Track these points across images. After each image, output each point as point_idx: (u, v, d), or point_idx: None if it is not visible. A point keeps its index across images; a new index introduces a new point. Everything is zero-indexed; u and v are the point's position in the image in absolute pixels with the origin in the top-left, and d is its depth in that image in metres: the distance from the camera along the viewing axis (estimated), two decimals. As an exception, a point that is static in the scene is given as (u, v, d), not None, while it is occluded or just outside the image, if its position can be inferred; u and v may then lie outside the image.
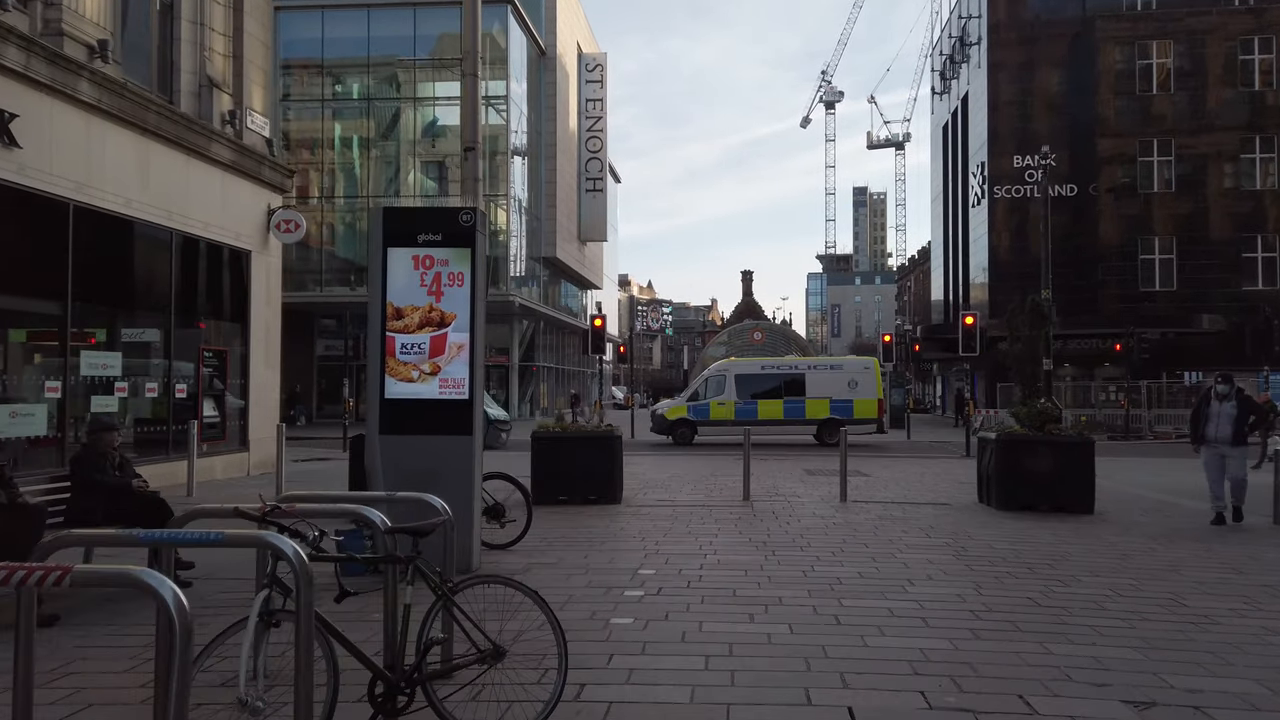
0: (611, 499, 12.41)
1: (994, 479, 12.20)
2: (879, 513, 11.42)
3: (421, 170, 43.82)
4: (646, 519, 10.84)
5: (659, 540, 9.17)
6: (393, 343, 7.49)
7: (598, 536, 9.44)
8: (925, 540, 9.26)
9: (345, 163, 44.02)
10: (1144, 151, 39.97)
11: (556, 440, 12.61)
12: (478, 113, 13.60)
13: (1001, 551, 8.66)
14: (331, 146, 43.68)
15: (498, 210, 42.03)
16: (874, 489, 14.48)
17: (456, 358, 7.47)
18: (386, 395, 7.49)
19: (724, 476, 16.40)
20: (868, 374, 25.62)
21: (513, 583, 4.01)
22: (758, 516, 11.02)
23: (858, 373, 25.76)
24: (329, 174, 43.71)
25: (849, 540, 9.16)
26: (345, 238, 43.06)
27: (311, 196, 42.19)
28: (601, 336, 24.82)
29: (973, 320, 22.35)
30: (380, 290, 7.52)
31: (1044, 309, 15.62)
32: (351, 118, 43.48)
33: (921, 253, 79.36)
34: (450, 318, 7.48)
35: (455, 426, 7.44)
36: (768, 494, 13.62)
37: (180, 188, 14.77)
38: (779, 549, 8.64)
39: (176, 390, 14.93)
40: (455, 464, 7.44)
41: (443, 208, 7.68)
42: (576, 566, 7.73)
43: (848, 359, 29.33)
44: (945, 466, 19.44)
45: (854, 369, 26.00)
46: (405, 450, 7.44)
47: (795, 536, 9.40)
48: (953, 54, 49.71)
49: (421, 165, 43.95)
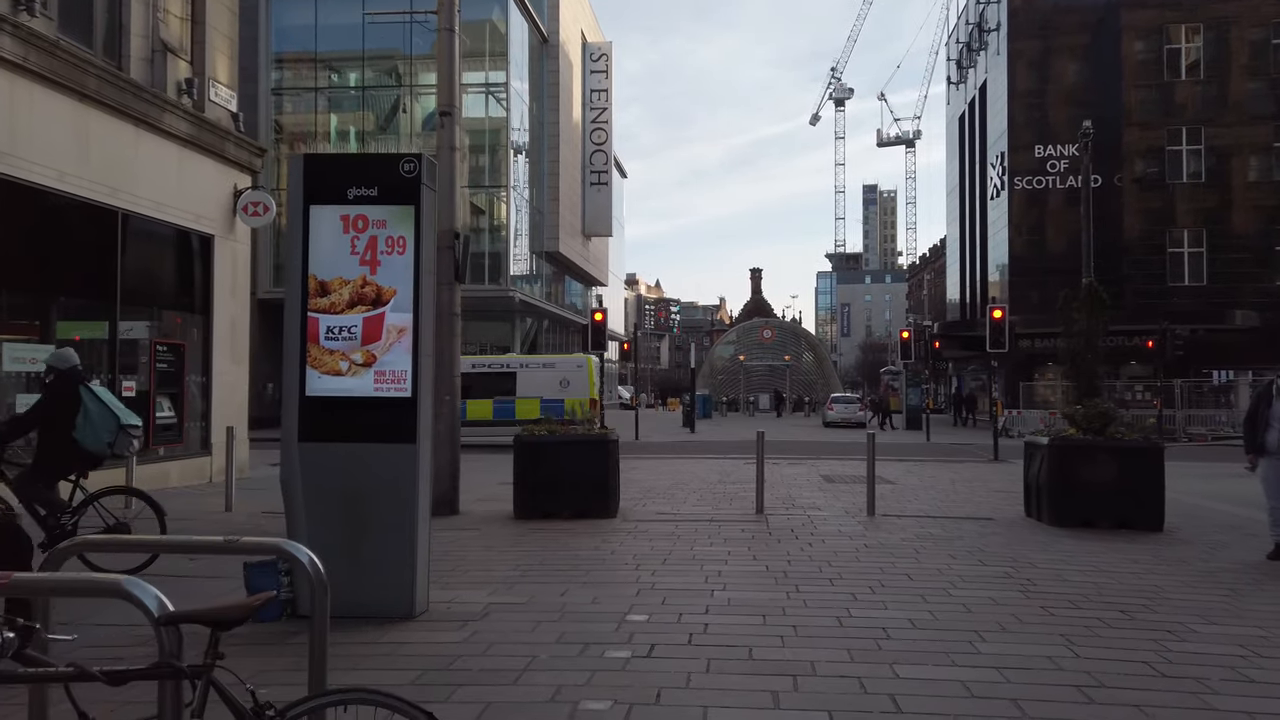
0: (605, 512, 10.82)
1: (1045, 490, 10.57)
2: (915, 530, 9.80)
3: (422, 164, 42.18)
4: (644, 538, 9.25)
5: (656, 568, 7.57)
6: (316, 325, 5.92)
7: (584, 563, 7.84)
8: (980, 569, 7.64)
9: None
10: (1171, 141, 38.19)
11: (542, 445, 11.02)
12: (455, 73, 12.04)
13: (1078, 585, 7.04)
14: (328, 139, 42.17)
15: (498, 203, 40.51)
16: (903, 499, 12.86)
17: (396, 344, 5.89)
18: (308, 392, 5.91)
19: (733, 484, 14.79)
20: (580, 372, 24.53)
21: (391, 702, 2.40)
22: (774, 535, 9.41)
23: (570, 371, 24.71)
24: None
25: (888, 569, 7.55)
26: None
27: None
28: (602, 331, 23.25)
29: (1001, 314, 20.66)
30: (300, 259, 5.94)
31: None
32: (349, 109, 41.96)
33: (933, 250, 77.69)
34: (388, 294, 5.90)
35: (395, 432, 5.86)
36: (783, 505, 12.02)
37: (127, 162, 13.22)
38: (803, 581, 7.03)
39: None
40: (393, 483, 5.85)
41: (380, 155, 6.10)
42: (549, 609, 6.13)
43: (561, 358, 28.30)
44: (975, 472, 17.80)
45: (566, 368, 24.99)
46: (330, 464, 5.86)
47: (821, 563, 7.79)
48: (970, 42, 47.92)
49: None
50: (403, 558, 5.83)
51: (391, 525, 5.83)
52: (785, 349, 62.51)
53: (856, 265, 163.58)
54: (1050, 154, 39.80)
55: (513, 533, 9.67)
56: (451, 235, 11.54)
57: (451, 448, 11.48)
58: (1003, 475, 17.13)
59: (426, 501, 6.03)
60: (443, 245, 11.55)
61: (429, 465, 6.08)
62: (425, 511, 6.00)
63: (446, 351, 11.54)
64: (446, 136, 11.64)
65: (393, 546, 5.83)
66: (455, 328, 11.59)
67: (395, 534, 5.83)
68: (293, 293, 5.93)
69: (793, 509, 11.73)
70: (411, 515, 5.85)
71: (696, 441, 28.57)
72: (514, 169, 40.65)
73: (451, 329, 11.54)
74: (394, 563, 5.84)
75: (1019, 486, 14.93)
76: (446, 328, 11.54)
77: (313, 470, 5.86)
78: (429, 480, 6.08)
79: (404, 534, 5.84)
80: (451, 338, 11.54)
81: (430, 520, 6.22)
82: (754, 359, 62.12)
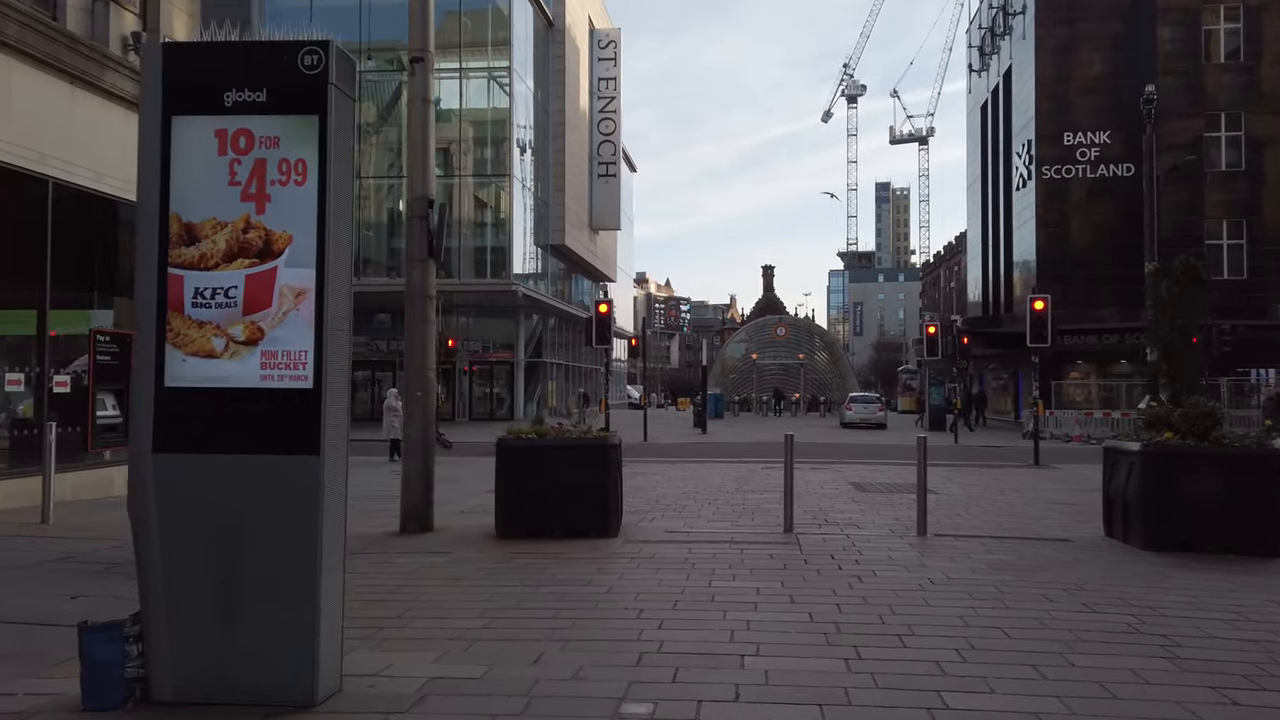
0: (604, 530, 9.04)
1: (1136, 506, 8.74)
2: (982, 557, 7.99)
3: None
4: (649, 567, 7.46)
5: (665, 616, 5.78)
6: (179, 287, 4.15)
7: (571, 606, 6.06)
8: (1090, 618, 5.82)
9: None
10: (1210, 127, 36.12)
11: (531, 451, 9.24)
12: (429, 16, 10.26)
13: (1236, 645, 5.21)
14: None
15: (501, 193, 38.78)
16: (952, 513, 11.05)
17: (293, 313, 4.12)
18: (168, 382, 4.15)
19: (753, 493, 13.00)
20: None
21: None
22: (811, 563, 7.61)
23: None
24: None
25: (970, 618, 5.73)
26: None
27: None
28: (607, 325, 21.46)
29: (1043, 305, 18.79)
30: (156, 193, 4.18)
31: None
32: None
33: (948, 247, 75.70)
34: (282, 241, 4.13)
35: (290, 439, 4.09)
36: (814, 521, 10.23)
37: (60, 124, 11.50)
38: (863, 640, 5.22)
39: (56, 383, 11.68)
40: (287, 512, 4.08)
41: (268, 42, 4.31)
42: (513, 690, 4.34)
43: None
44: (1020, 479, 15.94)
45: None
46: (198, 485, 4.10)
47: (881, 608, 5.98)
48: (993, 27, 45.95)
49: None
50: (300, 619, 4.06)
51: (284, 572, 4.07)
52: (799, 347, 60.54)
53: (869, 264, 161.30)
54: (1080, 141, 37.82)
55: (489, 558, 7.90)
56: (425, 203, 9.78)
57: (424, 453, 9.71)
58: (1052, 483, 15.31)
59: (338, 535, 4.26)
60: (415, 214, 9.81)
61: (343, 485, 4.30)
62: (335, 549, 4.22)
63: (418, 340, 9.79)
64: (419, 86, 9.88)
65: (286, 603, 4.06)
66: (429, 312, 9.82)
67: (289, 585, 4.07)
68: (145, 241, 4.17)
69: (826, 525, 9.93)
70: (311, 557, 4.07)
71: (709, 443, 26.76)
72: (517, 158, 38.88)
73: (424, 313, 9.78)
74: (287, 627, 4.07)
75: (1079, 497, 13.22)
76: (419, 312, 9.79)
77: (172, 495, 4.09)
78: (342, 505, 4.30)
79: (302, 585, 4.06)
80: (424, 324, 9.78)
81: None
82: (766, 357, 60.17)
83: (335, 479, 4.20)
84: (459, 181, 39.17)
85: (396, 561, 7.79)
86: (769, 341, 60.96)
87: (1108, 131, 37.59)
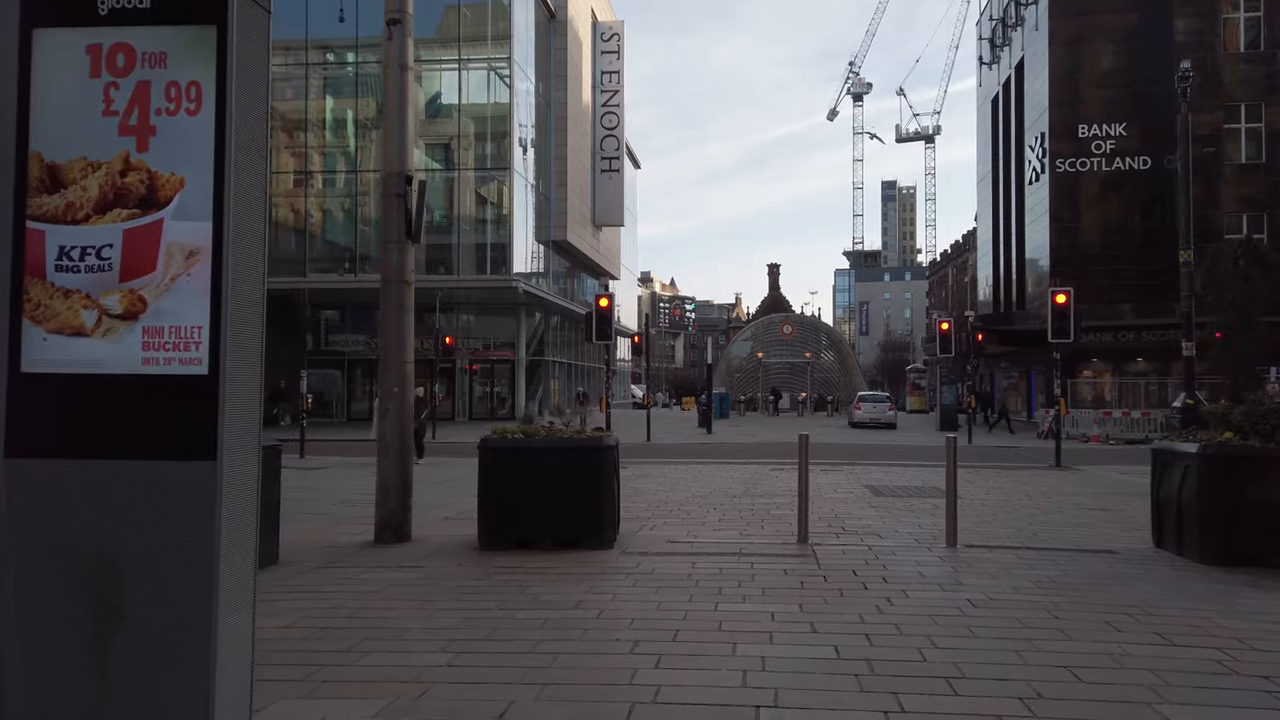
0: (599, 541, 8.14)
1: (1192, 514, 7.81)
2: (1023, 572, 7.06)
3: (426, 151, 39.62)
4: (648, 585, 6.55)
5: (664, 651, 4.87)
6: (39, 245, 3.25)
7: (553, 637, 5.15)
8: (1170, 652, 4.90)
9: (339, 143, 39.94)
10: (1229, 119, 35.08)
11: (518, 452, 8.33)
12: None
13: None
14: (322, 126, 39.63)
15: (502, 188, 37.89)
16: (980, 520, 10.13)
17: (184, 279, 3.21)
18: (24, 367, 3.25)
19: (761, 497, 12.09)
20: None
21: None
22: (831, 580, 6.70)
23: None
24: (323, 155, 39.63)
25: (1027, 653, 4.81)
26: (344, 222, 39.01)
27: (292, 173, 38.29)
28: (607, 320, 20.50)
29: (1066, 298, 17.83)
30: (12, 124, 3.28)
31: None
32: (346, 96, 39.43)
33: (955, 246, 74.63)
34: (170, 187, 3.23)
35: (179, 440, 3.19)
36: (830, 528, 9.32)
37: None
38: (903, 684, 4.30)
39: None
40: (174, 534, 3.18)
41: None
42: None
43: None
44: (1043, 481, 15.00)
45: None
46: (62, 498, 3.20)
47: (919, 639, 5.06)
48: (1005, 18, 44.94)
49: (426, 146, 39.71)
50: (190, 671, 3.15)
51: (171, 612, 3.16)
52: (806, 345, 59.54)
53: (875, 263, 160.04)
54: (1096, 134, 36.82)
55: (467, 575, 6.99)
56: (403, 180, 8.89)
57: (401, 457, 8.81)
58: (1080, 486, 14.40)
59: (245, 562, 3.35)
60: (391, 191, 8.92)
61: (252, 499, 3.40)
62: (240, 581, 3.32)
63: (395, 329, 8.90)
64: (395, 51, 8.99)
65: (172, 651, 3.16)
66: (407, 298, 8.93)
67: (178, 629, 3.16)
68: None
69: (844, 534, 9.01)
70: (206, 591, 3.17)
71: (714, 444, 25.84)
72: (518, 153, 37.96)
73: (401, 300, 8.89)
74: (174, 681, 3.16)
75: (1112, 502, 12.28)
76: (395, 299, 8.90)
77: (28, 511, 3.19)
78: (252, 525, 3.40)
79: (194, 627, 3.16)
80: (401, 311, 8.89)
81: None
82: (772, 356, 59.18)
83: (241, 491, 3.29)
84: (459, 176, 38.30)
85: (363, 578, 6.90)
86: (775, 340, 60.00)
87: (1124, 124, 36.61)
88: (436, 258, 37.19)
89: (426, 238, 37.99)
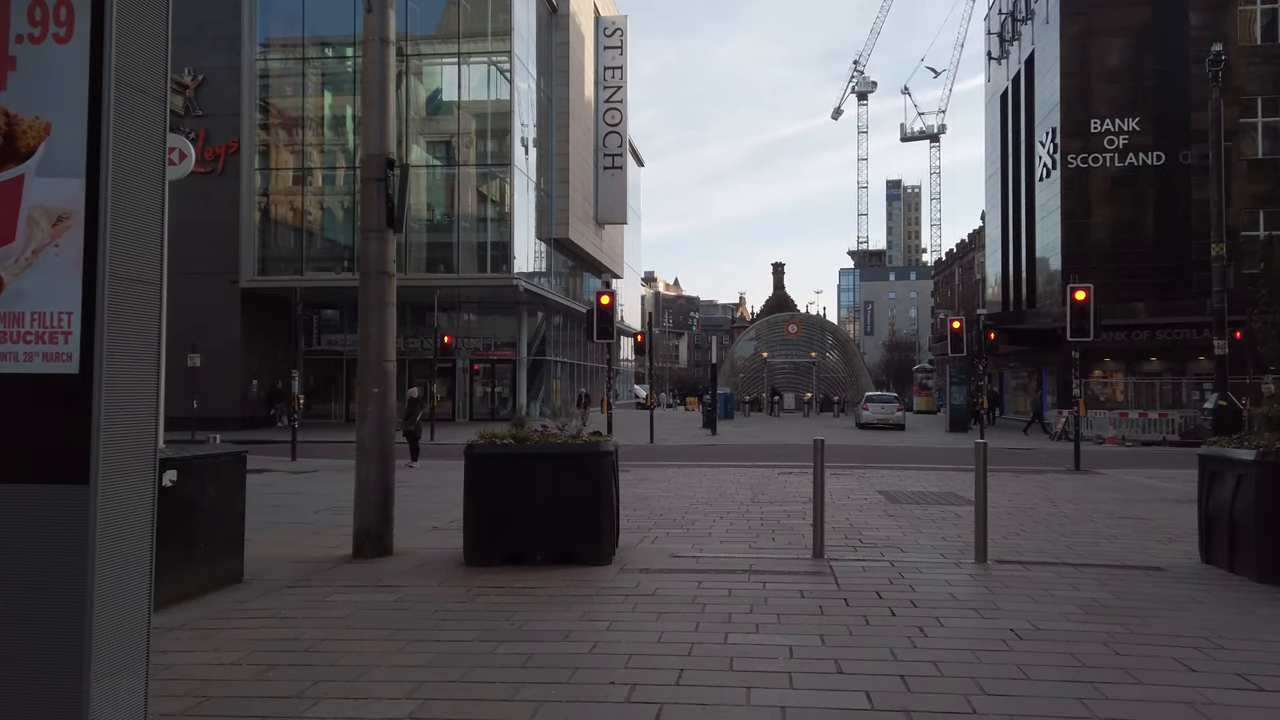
0: (596, 556, 7.44)
1: (1249, 527, 7.09)
2: (1067, 593, 6.34)
3: (427, 149, 38.94)
4: (649, 610, 5.84)
5: (666, 699, 4.15)
6: None
7: (537, 679, 4.44)
8: (1261, 702, 4.18)
9: (338, 140, 39.25)
10: (1245, 112, 34.27)
11: (507, 459, 7.62)
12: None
13: None
14: (320, 122, 38.93)
15: (504, 186, 37.18)
16: (1006, 530, 9.42)
17: (50, 251, 2.52)
18: None
19: (770, 504, 11.39)
20: None
21: None
22: (854, 605, 5.98)
23: None
24: (322, 152, 38.96)
25: (1094, 700, 4.09)
26: (343, 220, 38.35)
27: (290, 169, 37.60)
28: (609, 318, 19.85)
29: (1085, 295, 17.09)
30: None
31: None
32: (345, 93, 38.74)
33: (961, 245, 73.88)
34: (32, 134, 2.53)
35: (37, 456, 2.49)
36: (847, 540, 8.61)
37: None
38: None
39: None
40: (32, 574, 2.48)
41: None
42: None
43: None
44: (1067, 486, 14.28)
45: None
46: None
47: (963, 681, 4.35)
48: (1014, 12, 44.17)
49: (426, 144, 39.02)
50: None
51: (30, 667, 2.46)
52: (811, 345, 58.79)
53: (880, 262, 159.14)
54: (1108, 129, 36.07)
55: (448, 597, 6.29)
56: (383, 163, 8.19)
57: (381, 463, 8.11)
58: (1105, 491, 13.70)
59: (134, 610, 2.65)
60: (371, 176, 8.22)
61: (144, 530, 2.69)
62: (126, 632, 2.62)
63: (375, 324, 8.20)
64: (376, 23, 8.29)
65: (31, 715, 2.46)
66: (388, 292, 8.23)
67: (42, 693, 2.46)
68: None
69: (862, 548, 8.31)
70: (76, 648, 2.47)
71: (719, 445, 25.14)
72: (519, 149, 37.26)
73: (381, 294, 8.19)
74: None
75: (1144, 509, 11.53)
76: (375, 292, 8.20)
77: None
78: (145, 562, 2.70)
79: (60, 694, 2.46)
80: (381, 305, 8.19)
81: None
82: (778, 356, 58.44)
83: (125, 522, 2.59)
84: (459, 173, 37.60)
85: (331, 600, 6.20)
86: (780, 339, 59.27)
87: (1136, 118, 35.89)
88: (437, 256, 36.54)
89: (427, 236, 37.48)
